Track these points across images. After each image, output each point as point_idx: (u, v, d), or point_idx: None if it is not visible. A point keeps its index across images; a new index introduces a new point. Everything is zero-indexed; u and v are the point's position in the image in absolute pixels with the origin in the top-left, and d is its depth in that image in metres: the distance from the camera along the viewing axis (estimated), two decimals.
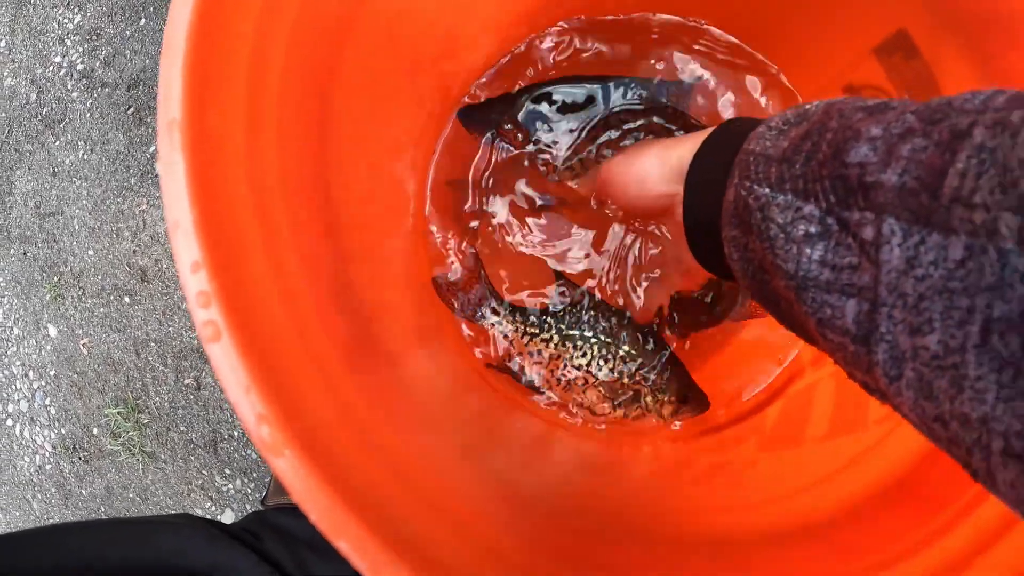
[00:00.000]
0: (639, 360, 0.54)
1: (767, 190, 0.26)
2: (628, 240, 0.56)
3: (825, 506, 0.43)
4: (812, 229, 0.24)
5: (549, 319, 0.55)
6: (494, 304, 0.55)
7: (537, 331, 0.55)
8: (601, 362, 0.54)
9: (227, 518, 0.95)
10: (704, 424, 0.55)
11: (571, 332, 0.55)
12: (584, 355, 0.54)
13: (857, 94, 0.55)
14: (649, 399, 0.54)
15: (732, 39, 0.57)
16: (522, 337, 0.54)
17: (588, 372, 0.54)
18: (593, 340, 0.54)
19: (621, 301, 0.57)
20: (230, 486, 0.95)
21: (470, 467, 0.35)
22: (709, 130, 0.35)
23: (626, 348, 0.54)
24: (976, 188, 0.19)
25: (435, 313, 0.49)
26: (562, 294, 0.55)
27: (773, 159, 0.26)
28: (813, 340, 0.27)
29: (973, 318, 0.19)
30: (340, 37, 0.38)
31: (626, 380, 0.54)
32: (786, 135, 0.27)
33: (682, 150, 0.36)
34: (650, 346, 0.54)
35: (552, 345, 0.54)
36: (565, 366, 0.54)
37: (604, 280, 0.57)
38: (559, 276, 0.56)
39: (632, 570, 0.36)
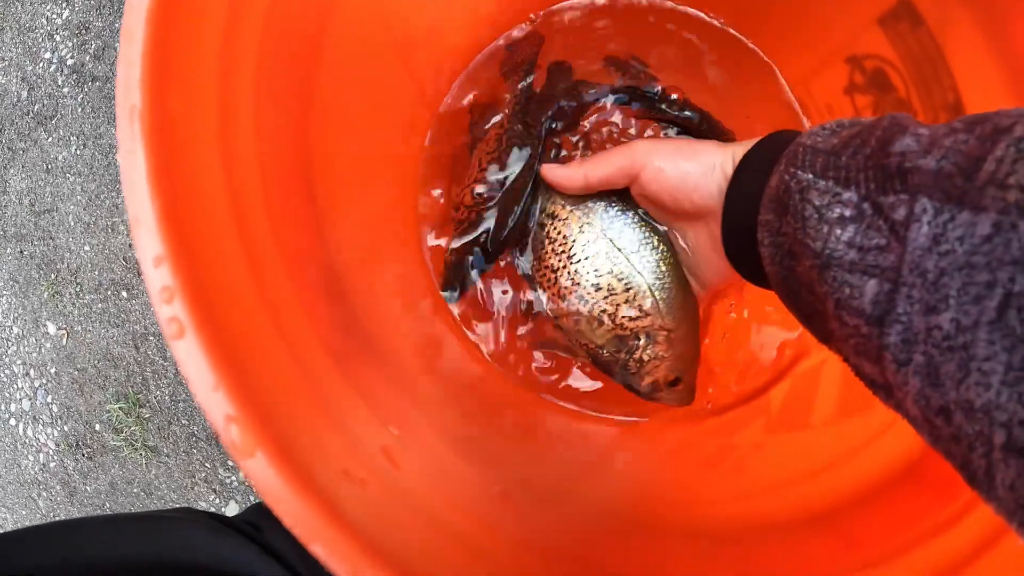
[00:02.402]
0: (665, 301, 0.44)
1: (810, 175, 0.27)
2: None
3: (833, 493, 0.42)
4: (847, 213, 0.25)
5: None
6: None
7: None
8: (611, 266, 0.44)
9: (231, 510, 0.95)
10: (706, 408, 0.54)
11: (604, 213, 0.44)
12: (592, 245, 0.44)
13: (860, 66, 0.54)
14: (640, 355, 0.45)
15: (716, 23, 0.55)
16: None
17: (591, 272, 0.44)
18: (632, 233, 0.44)
19: None
20: (233, 478, 0.95)
21: (461, 461, 0.34)
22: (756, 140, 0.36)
23: (659, 280, 0.44)
24: (1012, 172, 0.19)
25: (433, 301, 0.48)
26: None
27: (821, 151, 0.27)
28: (827, 333, 0.28)
29: (992, 293, 0.19)
30: (324, 9, 0.36)
31: (628, 315, 0.44)
32: (838, 134, 0.28)
33: (732, 154, 0.36)
34: (673, 300, 0.44)
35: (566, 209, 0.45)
36: (564, 246, 0.45)
37: None
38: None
39: (635, 563, 0.35)
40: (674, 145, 0.39)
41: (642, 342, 0.45)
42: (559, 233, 0.45)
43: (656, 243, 0.44)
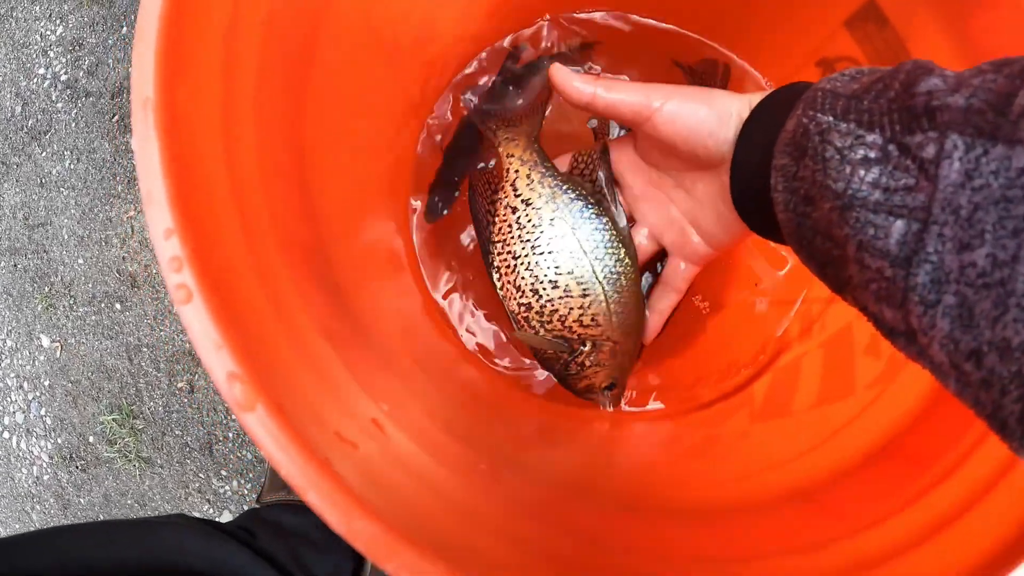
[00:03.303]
0: (618, 316, 0.45)
1: (830, 118, 0.26)
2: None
3: (816, 472, 0.44)
4: (871, 154, 0.24)
5: (557, 176, 0.44)
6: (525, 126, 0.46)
7: (536, 172, 0.45)
8: (572, 266, 0.43)
9: (225, 520, 0.95)
10: (693, 401, 0.55)
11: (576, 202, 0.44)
12: (559, 240, 0.43)
13: (831, 68, 0.56)
14: (583, 360, 0.46)
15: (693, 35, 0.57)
16: (523, 166, 0.45)
17: (550, 269, 0.44)
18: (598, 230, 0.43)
19: None
20: (227, 487, 0.95)
21: (450, 440, 0.35)
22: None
23: (618, 294, 0.44)
24: None
25: (416, 291, 0.49)
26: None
27: (842, 95, 0.27)
28: (844, 281, 0.27)
29: None
30: (317, 17, 0.38)
31: (579, 321, 0.44)
32: (858, 80, 0.27)
33: (749, 102, 0.35)
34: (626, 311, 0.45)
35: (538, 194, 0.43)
36: (527, 239, 0.44)
37: None
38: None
39: (623, 538, 0.37)
40: (690, 90, 0.37)
41: (587, 348, 0.45)
42: (529, 220, 0.45)
43: (622, 255, 0.44)
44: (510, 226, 0.45)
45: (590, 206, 0.44)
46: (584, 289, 0.44)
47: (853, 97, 0.26)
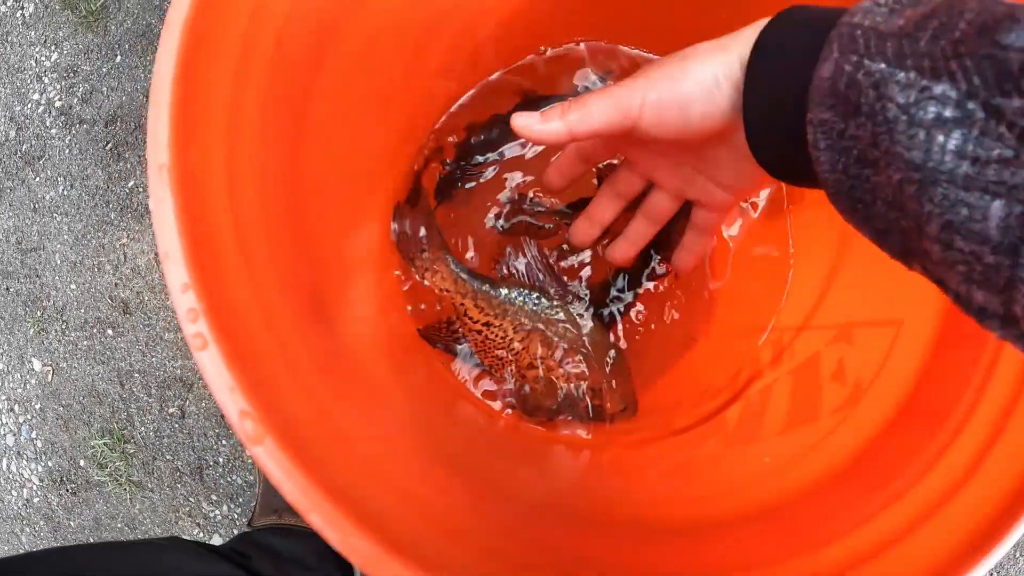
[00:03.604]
0: (604, 363, 0.52)
1: (882, 64, 0.22)
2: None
3: (783, 491, 0.47)
4: (947, 113, 0.20)
5: (498, 289, 0.50)
6: (431, 252, 0.51)
7: (480, 298, 0.50)
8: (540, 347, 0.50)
9: (215, 544, 0.96)
10: (667, 428, 0.58)
11: (516, 303, 0.50)
12: (534, 344, 0.50)
13: None
14: (588, 406, 0.52)
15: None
16: (464, 298, 0.51)
17: (531, 357, 0.50)
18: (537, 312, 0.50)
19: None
20: (217, 512, 0.96)
21: (434, 460, 0.38)
22: (758, 26, 0.30)
23: (609, 350, 0.51)
24: None
25: (407, 331, 0.52)
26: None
27: (887, 35, 0.23)
28: (912, 251, 0.24)
29: None
30: (314, 73, 0.41)
31: (582, 388, 0.51)
32: (900, 14, 0.23)
33: (738, 55, 0.30)
34: (589, 337, 0.51)
35: (492, 314, 0.50)
36: (507, 342, 0.50)
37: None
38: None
39: (604, 555, 0.39)
40: (664, 70, 0.32)
41: (592, 397, 0.52)
42: (496, 336, 0.51)
43: (583, 311, 0.51)
44: (484, 341, 0.52)
45: (538, 297, 0.51)
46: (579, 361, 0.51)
47: (903, 36, 0.22)
